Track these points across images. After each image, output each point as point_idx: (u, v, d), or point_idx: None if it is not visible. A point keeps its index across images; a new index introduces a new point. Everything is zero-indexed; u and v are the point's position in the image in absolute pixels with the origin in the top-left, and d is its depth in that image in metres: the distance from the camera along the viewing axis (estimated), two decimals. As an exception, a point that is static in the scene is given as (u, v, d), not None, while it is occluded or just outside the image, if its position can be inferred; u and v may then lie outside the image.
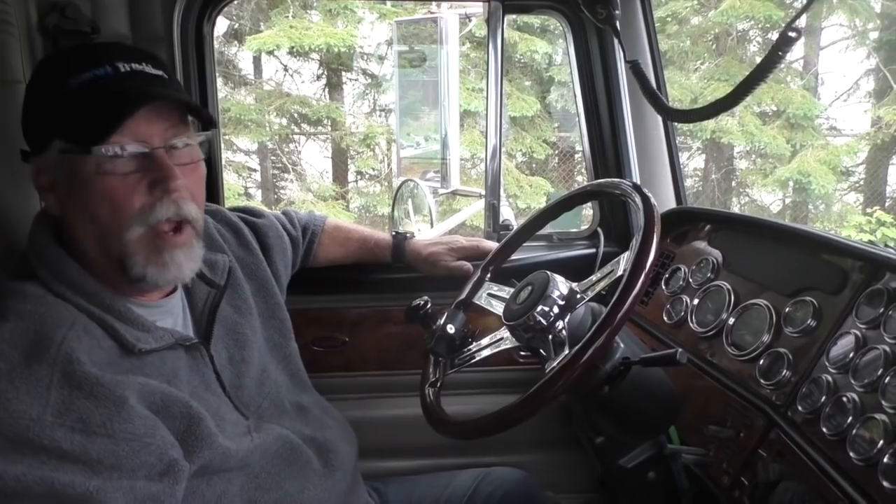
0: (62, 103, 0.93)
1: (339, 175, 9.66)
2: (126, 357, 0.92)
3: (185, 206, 0.96)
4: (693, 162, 9.79)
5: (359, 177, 9.87)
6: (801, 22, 0.97)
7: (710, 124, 8.01)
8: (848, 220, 8.31)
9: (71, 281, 0.93)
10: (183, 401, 0.93)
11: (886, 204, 8.83)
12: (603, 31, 1.68)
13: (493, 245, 1.66)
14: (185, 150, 0.98)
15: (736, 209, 9.25)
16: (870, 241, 1.31)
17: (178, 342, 1.00)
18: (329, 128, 9.50)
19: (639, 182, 1.55)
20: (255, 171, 9.94)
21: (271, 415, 1.14)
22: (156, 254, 0.95)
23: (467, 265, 1.56)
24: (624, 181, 1.22)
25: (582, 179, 9.34)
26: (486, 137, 1.74)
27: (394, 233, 1.63)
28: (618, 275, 1.08)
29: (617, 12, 1.35)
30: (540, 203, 8.15)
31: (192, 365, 1.02)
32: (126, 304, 0.96)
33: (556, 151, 9.19)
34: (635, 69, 1.31)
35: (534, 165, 9.19)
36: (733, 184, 9.67)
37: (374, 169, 9.50)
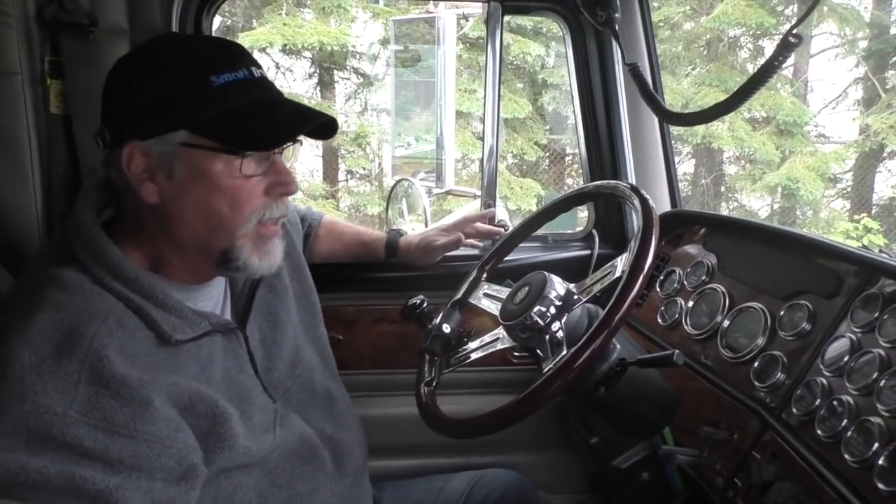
0: (205, 99, 0.92)
1: (330, 174, 9.63)
2: (161, 347, 0.91)
3: (289, 204, 1.02)
4: (682, 167, 9.84)
5: (349, 176, 9.85)
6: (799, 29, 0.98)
7: (700, 129, 8.05)
8: (835, 227, 8.37)
9: (111, 265, 0.92)
10: (210, 400, 0.93)
11: (873, 211, 8.92)
12: (601, 33, 1.69)
13: (478, 212, 1.68)
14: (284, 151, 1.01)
15: (725, 214, 9.29)
16: (863, 246, 1.32)
17: (215, 329, 0.99)
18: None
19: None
20: (245, 168, 9.88)
21: (299, 400, 1.13)
22: (261, 245, 1.00)
23: (457, 234, 1.59)
24: (622, 183, 1.22)
25: (572, 182, 9.36)
26: (483, 138, 1.75)
27: (388, 230, 1.63)
28: (616, 276, 1.08)
29: (616, 15, 1.35)
30: (531, 205, 8.17)
31: (227, 347, 1.02)
32: (165, 290, 0.94)
33: (547, 154, 9.21)
34: (634, 72, 1.31)
35: (524, 167, 9.20)
36: (722, 189, 9.73)
37: (364, 168, 9.47)
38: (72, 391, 0.80)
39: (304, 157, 9.82)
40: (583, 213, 2.07)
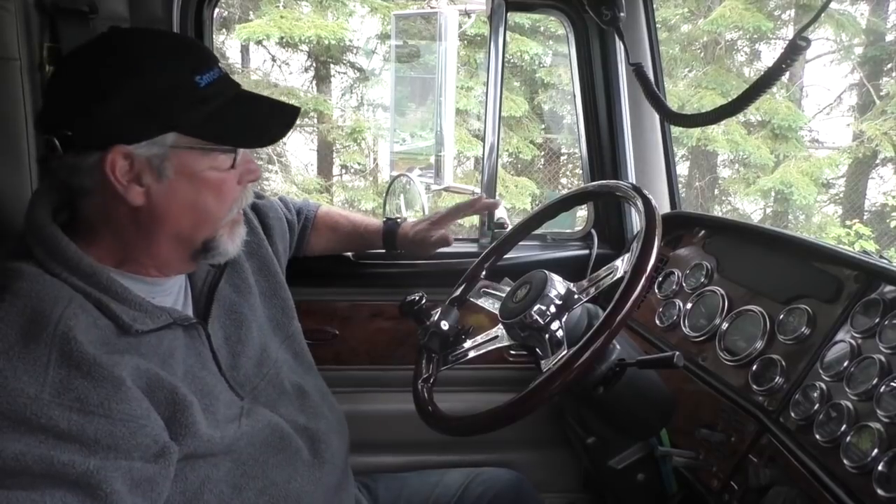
0: (194, 100, 0.94)
1: (324, 168, 9.59)
2: (122, 337, 0.91)
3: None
4: (677, 169, 9.84)
5: (343, 171, 9.82)
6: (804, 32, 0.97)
7: (696, 132, 8.06)
8: (827, 232, 8.41)
9: (67, 260, 0.91)
10: (169, 387, 0.92)
11: (864, 217, 8.96)
12: (605, 32, 1.69)
13: (469, 202, 1.68)
14: None
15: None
16: (863, 251, 1.32)
17: (177, 322, 0.99)
18: (315, 120, 9.43)
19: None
20: (239, 160, 9.83)
21: (268, 396, 1.13)
22: (235, 231, 1.06)
23: (443, 233, 1.60)
24: (624, 183, 1.22)
25: (567, 181, 9.35)
26: (484, 135, 1.74)
27: (385, 219, 1.62)
28: (617, 276, 1.08)
29: (622, 14, 1.34)
30: (525, 203, 8.16)
31: (188, 344, 1.02)
32: (123, 284, 0.94)
33: (543, 153, 9.20)
34: (638, 72, 1.30)
35: (519, 166, 9.19)
36: (716, 192, 9.75)
37: (359, 163, 9.44)
38: (42, 374, 0.81)
39: (298, 151, 9.79)
40: (581, 213, 2.06)
